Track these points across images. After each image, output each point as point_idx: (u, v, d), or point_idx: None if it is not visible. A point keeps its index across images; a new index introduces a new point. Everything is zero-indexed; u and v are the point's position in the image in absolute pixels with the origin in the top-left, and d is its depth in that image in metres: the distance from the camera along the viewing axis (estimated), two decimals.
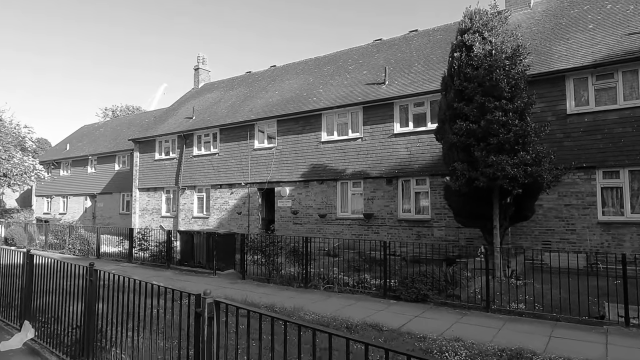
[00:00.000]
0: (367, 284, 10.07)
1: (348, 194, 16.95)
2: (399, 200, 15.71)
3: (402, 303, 8.88)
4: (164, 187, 23.51)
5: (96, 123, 42.28)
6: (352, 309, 8.44)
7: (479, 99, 10.43)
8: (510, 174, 9.77)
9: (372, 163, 16.21)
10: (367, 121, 16.47)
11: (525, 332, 6.86)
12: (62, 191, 33.41)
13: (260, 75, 25.23)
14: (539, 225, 13.02)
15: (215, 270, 12.63)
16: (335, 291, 10.07)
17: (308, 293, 10.02)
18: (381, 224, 15.93)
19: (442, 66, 16.13)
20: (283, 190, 18.52)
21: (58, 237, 18.08)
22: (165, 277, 12.34)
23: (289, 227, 18.26)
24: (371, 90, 16.87)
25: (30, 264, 6.24)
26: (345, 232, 16.68)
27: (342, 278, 10.44)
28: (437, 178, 14.87)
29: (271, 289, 10.63)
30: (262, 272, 11.86)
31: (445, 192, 12.06)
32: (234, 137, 20.48)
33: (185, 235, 14.15)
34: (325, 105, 17.40)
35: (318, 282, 10.56)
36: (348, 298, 9.45)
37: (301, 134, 18.18)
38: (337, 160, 17.07)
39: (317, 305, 8.56)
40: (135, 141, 24.76)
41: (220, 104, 23.43)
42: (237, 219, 20.00)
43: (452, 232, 14.52)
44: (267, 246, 11.69)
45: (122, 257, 15.79)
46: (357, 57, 20.90)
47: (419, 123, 15.46)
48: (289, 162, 18.42)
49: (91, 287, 4.63)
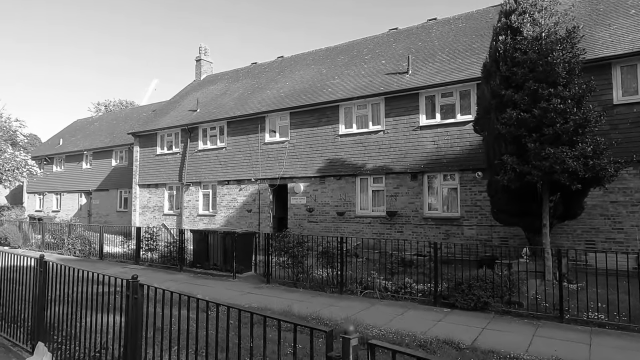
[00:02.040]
0: (410, 289, 9.09)
1: (368, 190, 15.96)
2: (424, 197, 14.76)
3: (458, 312, 7.92)
4: (166, 184, 22.31)
5: (90, 117, 40.80)
6: (406, 319, 7.45)
7: (531, 85, 9.50)
8: (571, 168, 8.84)
9: (395, 157, 15.23)
10: (390, 113, 15.48)
11: (622, 349, 5.93)
12: (55, 188, 31.98)
13: (267, 67, 24.10)
14: (582, 224, 12.15)
15: (235, 273, 11.56)
16: (376, 297, 9.08)
17: (345, 300, 9.01)
18: (405, 222, 14.97)
19: (469, 55, 15.23)
20: (297, 187, 17.48)
21: (56, 237, 16.84)
22: (180, 280, 11.25)
23: (304, 225, 17.23)
24: (393, 80, 15.87)
25: (44, 272, 5.15)
26: (366, 230, 15.69)
27: (382, 282, 9.45)
28: (468, 173, 13.95)
29: (301, 294, 9.61)
30: (288, 276, 10.83)
31: (488, 187, 11.13)
32: (242, 130, 19.36)
33: (199, 234, 13.05)
34: (343, 96, 16.36)
35: (355, 287, 9.56)
36: (393, 306, 8.47)
37: (316, 127, 17.13)
38: (356, 155, 16.06)
39: (365, 316, 7.56)
40: (135, 135, 23.50)
41: (226, 96, 22.27)
42: (247, 217, 18.92)
43: (485, 231, 13.61)
44: (295, 247, 10.64)
45: (128, 258, 14.63)
46: (373, 46, 19.88)
47: (446, 114, 14.50)
48: (304, 156, 17.37)
49: (135, 306, 3.58)
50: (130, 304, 3.60)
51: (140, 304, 3.57)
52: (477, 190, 13.79)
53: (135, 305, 3.56)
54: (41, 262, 5.16)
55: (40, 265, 5.15)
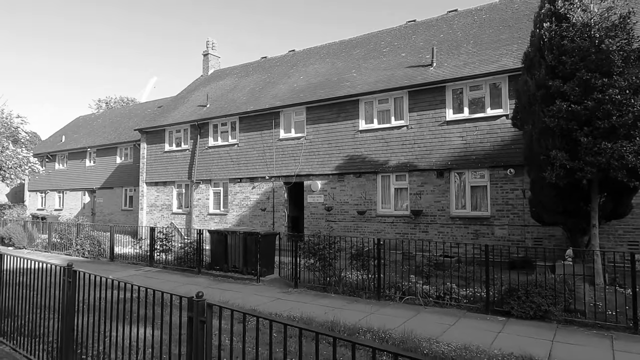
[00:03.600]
0: (455, 294, 8.42)
1: (390, 188, 15.27)
2: (451, 195, 14.08)
3: (515, 321, 7.24)
4: (175, 181, 21.58)
5: (93, 114, 40.00)
6: (461, 330, 6.78)
7: (583, 75, 8.80)
8: (631, 164, 8.17)
9: (419, 154, 14.54)
10: (414, 107, 14.78)
11: None
12: (58, 186, 31.22)
13: (278, 61, 23.35)
14: (624, 224, 11.50)
15: (259, 276, 10.86)
16: (419, 304, 8.40)
17: (385, 306, 8.33)
18: (431, 221, 14.29)
19: (497, 46, 14.53)
20: (314, 184, 16.78)
21: (63, 237, 16.10)
22: (201, 284, 10.55)
23: (321, 224, 16.54)
24: (417, 73, 15.16)
25: (74, 284, 4.45)
26: (388, 230, 15.01)
27: (422, 287, 8.77)
28: (499, 170, 13.27)
29: (335, 300, 8.92)
30: (317, 279, 10.14)
31: (532, 185, 10.45)
32: (255, 126, 18.64)
33: (217, 235, 12.35)
34: (363, 90, 15.65)
35: (393, 293, 8.88)
36: (439, 313, 7.80)
37: (335, 122, 16.42)
38: (377, 151, 15.37)
39: (414, 326, 6.88)
40: (142, 131, 22.74)
41: (237, 91, 21.53)
42: (260, 216, 18.21)
43: (517, 231, 12.94)
44: (325, 248, 9.95)
45: (140, 259, 13.92)
46: (390, 39, 19.16)
47: (475, 109, 13.82)
48: (321, 153, 16.66)
49: (203, 332, 2.87)
50: (195, 329, 2.89)
51: (210, 330, 2.87)
52: (508, 188, 13.12)
53: (203, 331, 2.86)
54: (69, 271, 4.45)
55: (68, 275, 4.45)
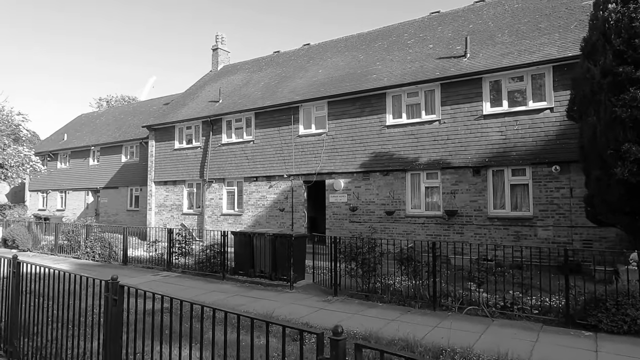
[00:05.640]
0: (522, 304, 7.50)
1: (421, 187, 14.36)
2: (489, 194, 13.18)
3: (606, 336, 6.32)
4: (185, 180, 20.61)
5: (95, 112, 38.97)
6: (550, 349, 5.87)
7: None
8: None
9: (453, 150, 13.63)
10: (446, 100, 13.88)
11: None
12: (60, 185, 30.21)
13: (293, 55, 22.41)
14: None
15: (292, 283, 9.92)
16: (483, 315, 7.48)
17: (444, 318, 7.41)
18: (466, 222, 13.38)
19: (537, 35, 13.64)
20: (337, 183, 15.85)
21: (71, 239, 15.11)
22: (229, 292, 9.60)
23: (344, 225, 15.61)
24: (449, 64, 14.26)
25: (120, 302, 3.51)
26: (419, 232, 14.10)
27: (483, 296, 7.85)
28: (542, 167, 12.38)
29: (384, 310, 8.00)
30: (358, 286, 9.21)
31: (590, 183, 9.54)
32: (272, 121, 17.71)
33: (242, 237, 11.40)
34: (391, 82, 14.74)
35: (451, 302, 7.96)
36: (511, 326, 6.88)
37: (359, 117, 15.50)
38: (406, 147, 14.45)
39: (493, 343, 5.97)
40: (150, 128, 21.76)
41: (250, 86, 20.59)
42: (278, 217, 17.27)
43: (563, 232, 12.05)
44: (368, 252, 9.02)
45: (156, 263, 12.95)
46: (414, 31, 18.26)
47: (515, 102, 12.93)
48: (344, 150, 15.73)
49: None
50: None
51: None
52: (553, 187, 12.23)
53: None
54: (115, 287, 3.51)
55: (114, 291, 3.50)
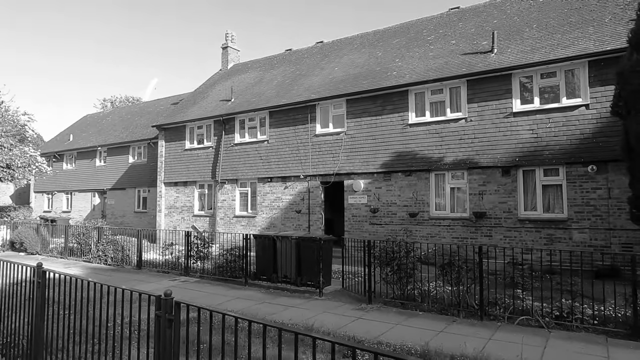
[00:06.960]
0: (581, 314, 6.93)
1: (446, 187, 13.80)
2: (519, 196, 12.61)
3: None
4: (196, 181, 20.07)
5: (101, 112, 38.52)
6: None
7: None
8: None
9: (480, 149, 13.08)
10: (473, 98, 13.33)
11: None
12: (66, 187, 29.70)
13: (306, 53, 21.89)
14: None
15: (321, 289, 9.35)
16: (536, 326, 6.91)
17: (496, 329, 6.84)
18: (495, 224, 12.81)
19: (568, 29, 13.09)
20: (356, 184, 15.29)
21: (82, 241, 14.58)
22: (254, 299, 9.04)
23: (364, 228, 15.06)
24: (476, 60, 13.71)
25: (177, 322, 2.96)
26: (444, 234, 13.54)
27: (537, 305, 7.28)
28: (577, 167, 11.81)
29: (426, 320, 7.43)
30: (394, 293, 8.64)
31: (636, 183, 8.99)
32: (287, 121, 17.17)
33: (264, 240, 10.85)
34: (413, 79, 14.20)
35: (500, 312, 7.39)
36: (573, 339, 6.31)
37: (380, 116, 14.95)
38: (430, 147, 13.90)
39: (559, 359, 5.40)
40: (160, 128, 21.25)
41: (263, 85, 20.07)
42: (294, 219, 16.71)
43: (600, 235, 11.47)
44: (404, 257, 8.46)
45: (172, 267, 12.40)
46: (434, 27, 17.72)
47: (548, 99, 12.37)
48: (364, 149, 15.19)
49: None
50: None
51: None
52: (589, 187, 11.66)
53: None
54: (170, 303, 2.96)
55: (168, 309, 2.95)
